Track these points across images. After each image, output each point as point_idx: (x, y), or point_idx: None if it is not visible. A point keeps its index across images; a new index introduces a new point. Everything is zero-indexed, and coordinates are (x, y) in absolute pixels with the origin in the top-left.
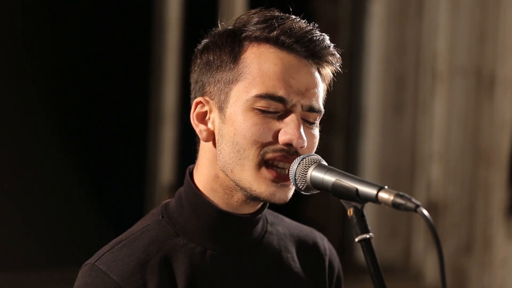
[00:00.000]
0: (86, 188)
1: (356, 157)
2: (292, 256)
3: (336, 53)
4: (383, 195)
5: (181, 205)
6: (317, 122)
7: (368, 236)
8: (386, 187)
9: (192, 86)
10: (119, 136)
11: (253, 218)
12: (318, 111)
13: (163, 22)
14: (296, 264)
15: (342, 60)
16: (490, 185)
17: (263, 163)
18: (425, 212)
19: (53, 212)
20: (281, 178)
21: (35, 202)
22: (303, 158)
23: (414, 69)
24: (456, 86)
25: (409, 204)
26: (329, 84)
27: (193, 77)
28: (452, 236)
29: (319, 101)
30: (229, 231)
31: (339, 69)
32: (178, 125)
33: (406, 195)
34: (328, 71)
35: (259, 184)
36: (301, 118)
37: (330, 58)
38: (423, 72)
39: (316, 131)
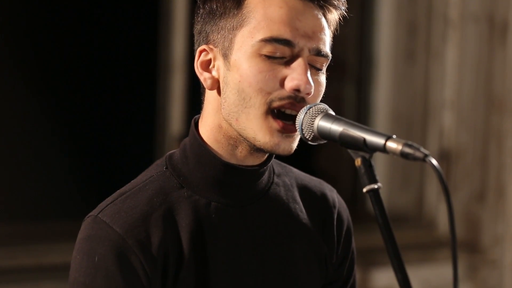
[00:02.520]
0: (95, 139)
1: (367, 105)
2: (300, 207)
3: None
4: (391, 144)
5: (185, 156)
6: (324, 68)
7: (376, 186)
8: (394, 136)
9: (195, 37)
10: (128, 87)
11: (258, 170)
12: (326, 56)
13: None
14: (304, 215)
15: (353, 7)
16: (503, 132)
17: (270, 111)
18: (434, 161)
19: (61, 163)
20: (286, 129)
21: (43, 152)
22: (310, 108)
23: (426, 16)
24: (468, 33)
25: (418, 154)
26: (336, 29)
27: (196, 28)
28: (465, 185)
29: (326, 45)
30: (234, 183)
31: (345, 14)
32: (187, 75)
33: (415, 144)
34: (334, 16)
35: (264, 134)
36: (308, 64)
37: (335, 2)
38: (435, 19)
39: (322, 78)
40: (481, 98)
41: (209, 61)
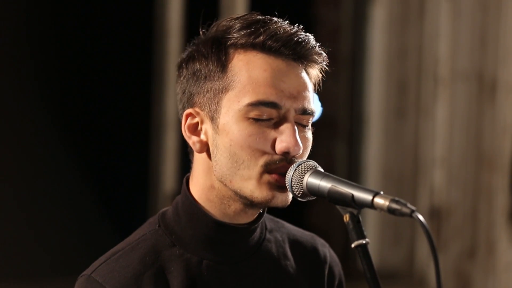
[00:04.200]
0: (88, 196)
1: (359, 162)
2: (291, 263)
3: (322, 52)
4: (378, 200)
5: (177, 214)
6: (310, 124)
7: (364, 241)
8: (381, 192)
9: (179, 96)
10: (121, 144)
11: (249, 227)
12: (311, 113)
13: (164, 29)
14: (295, 271)
15: (344, 65)
16: (493, 189)
17: (265, 172)
18: (420, 217)
19: (55, 220)
20: (281, 181)
21: (36, 210)
22: (299, 165)
23: (416, 74)
24: (458, 91)
25: (404, 209)
26: (318, 83)
27: (180, 87)
28: (455, 241)
29: (311, 103)
30: (226, 241)
31: (326, 68)
32: (180, 133)
33: (402, 200)
34: (315, 71)
35: (261, 190)
36: (295, 122)
37: (317, 58)
38: (425, 77)
39: (309, 134)
40: (471, 156)
41: (196, 124)
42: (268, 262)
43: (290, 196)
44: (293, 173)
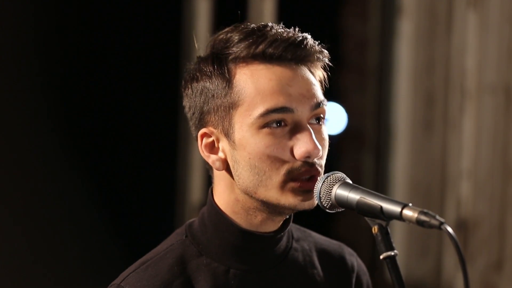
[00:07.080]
0: (116, 209)
1: (386, 175)
2: (318, 272)
3: (323, 50)
4: (407, 212)
5: (204, 224)
6: (325, 118)
7: (393, 253)
8: (410, 204)
9: (188, 114)
10: (148, 156)
11: (276, 236)
12: (325, 104)
13: (191, 46)
14: (322, 280)
15: (371, 78)
16: None
17: (289, 180)
18: (449, 229)
19: (82, 233)
20: (306, 186)
21: (64, 222)
22: (328, 177)
23: (443, 86)
24: (485, 104)
25: (433, 221)
26: (324, 81)
27: (188, 105)
28: (482, 254)
29: (320, 95)
30: (252, 250)
31: (328, 62)
32: None
33: (430, 212)
34: (319, 69)
35: (286, 197)
36: (313, 120)
37: (318, 56)
38: (452, 89)
39: (325, 133)
40: (498, 168)
41: (213, 143)
42: (295, 271)
43: (316, 199)
44: (322, 185)
